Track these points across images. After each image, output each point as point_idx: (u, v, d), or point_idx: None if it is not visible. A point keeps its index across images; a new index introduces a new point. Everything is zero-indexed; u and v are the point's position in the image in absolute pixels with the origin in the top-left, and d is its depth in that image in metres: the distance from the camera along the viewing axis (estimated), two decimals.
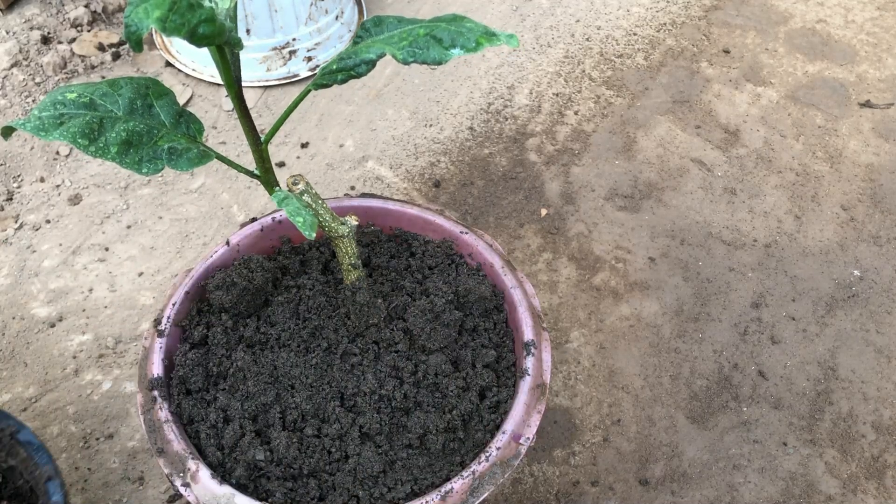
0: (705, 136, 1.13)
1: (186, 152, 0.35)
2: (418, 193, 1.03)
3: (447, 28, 0.33)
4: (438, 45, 0.33)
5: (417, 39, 0.34)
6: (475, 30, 0.33)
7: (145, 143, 0.34)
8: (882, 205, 1.05)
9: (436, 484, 0.47)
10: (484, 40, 0.33)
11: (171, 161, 0.35)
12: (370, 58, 0.35)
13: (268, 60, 1.16)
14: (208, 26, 0.29)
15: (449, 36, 0.33)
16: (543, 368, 0.51)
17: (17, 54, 1.16)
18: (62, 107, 0.32)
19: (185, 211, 1.00)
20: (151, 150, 0.34)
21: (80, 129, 0.31)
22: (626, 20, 1.34)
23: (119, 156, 0.32)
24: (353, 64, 0.36)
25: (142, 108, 0.34)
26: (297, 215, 0.37)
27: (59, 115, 0.31)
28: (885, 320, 0.91)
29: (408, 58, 0.33)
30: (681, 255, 0.97)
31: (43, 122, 0.31)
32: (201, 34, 0.29)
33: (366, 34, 0.38)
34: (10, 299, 0.90)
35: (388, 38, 0.35)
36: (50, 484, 0.59)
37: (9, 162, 1.04)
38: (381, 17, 0.39)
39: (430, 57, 0.33)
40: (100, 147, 0.32)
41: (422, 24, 0.36)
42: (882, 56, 1.29)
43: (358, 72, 0.36)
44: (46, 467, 0.60)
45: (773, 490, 0.76)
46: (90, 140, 0.31)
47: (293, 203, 0.38)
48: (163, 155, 0.34)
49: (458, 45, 0.33)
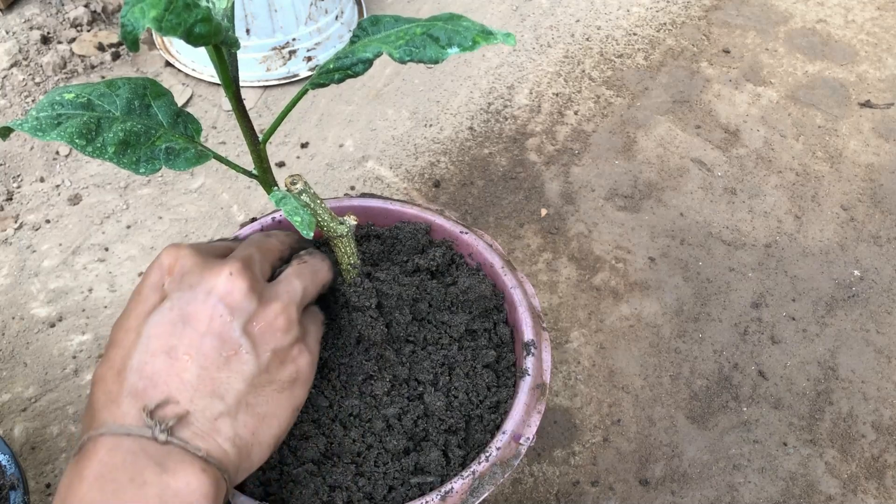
0: (705, 136, 1.13)
1: (184, 152, 0.35)
2: (418, 193, 1.03)
3: (444, 27, 0.33)
4: (435, 43, 0.33)
5: (414, 38, 0.34)
6: (472, 28, 0.33)
7: (143, 144, 0.34)
8: (882, 205, 1.05)
9: (436, 484, 0.46)
10: (481, 39, 0.32)
11: (169, 161, 0.35)
12: (367, 57, 0.35)
13: (267, 60, 1.16)
14: (204, 26, 0.28)
15: (446, 35, 0.33)
16: (543, 368, 0.51)
17: (17, 54, 1.16)
18: (59, 107, 0.32)
19: (184, 211, 1.00)
20: (149, 151, 0.34)
21: (77, 130, 0.31)
22: (626, 20, 1.34)
23: (116, 156, 0.33)
24: (349, 63, 0.36)
25: (139, 108, 0.34)
26: (295, 214, 0.38)
27: (57, 116, 0.31)
28: (885, 320, 0.91)
29: (404, 57, 0.33)
30: (681, 255, 0.97)
31: (40, 123, 0.31)
32: (197, 34, 0.29)
33: (363, 33, 0.38)
34: (10, 299, 0.90)
35: (384, 37, 0.35)
36: (12, 493, 0.58)
37: (8, 162, 1.04)
38: (377, 16, 0.39)
39: (426, 56, 0.33)
40: (97, 147, 0.32)
41: (418, 23, 0.36)
42: (882, 56, 1.29)
43: (355, 71, 0.36)
44: (11, 476, 0.59)
45: (774, 490, 0.76)
46: (87, 140, 0.31)
47: (291, 202, 0.38)
48: (160, 155, 0.34)
49: (454, 44, 0.33)
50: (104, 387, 0.36)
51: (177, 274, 0.38)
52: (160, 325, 0.37)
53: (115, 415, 0.35)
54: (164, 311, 0.37)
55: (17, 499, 0.58)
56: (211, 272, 0.38)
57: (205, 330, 0.37)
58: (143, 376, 0.36)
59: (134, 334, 0.37)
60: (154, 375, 0.36)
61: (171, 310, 0.37)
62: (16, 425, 0.79)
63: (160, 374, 0.36)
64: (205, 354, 0.36)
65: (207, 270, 0.38)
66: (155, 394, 0.35)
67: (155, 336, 0.36)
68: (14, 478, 0.59)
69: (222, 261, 0.39)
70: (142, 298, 0.38)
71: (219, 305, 0.37)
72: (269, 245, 0.44)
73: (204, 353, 0.36)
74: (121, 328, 0.38)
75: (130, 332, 0.37)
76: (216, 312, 0.37)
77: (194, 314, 0.37)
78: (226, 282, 0.38)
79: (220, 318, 0.37)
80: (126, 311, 0.39)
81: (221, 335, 0.37)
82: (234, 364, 0.37)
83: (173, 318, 0.37)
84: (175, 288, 0.38)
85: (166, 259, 0.39)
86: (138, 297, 0.39)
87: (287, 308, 0.40)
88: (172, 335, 0.36)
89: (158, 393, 0.35)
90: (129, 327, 0.38)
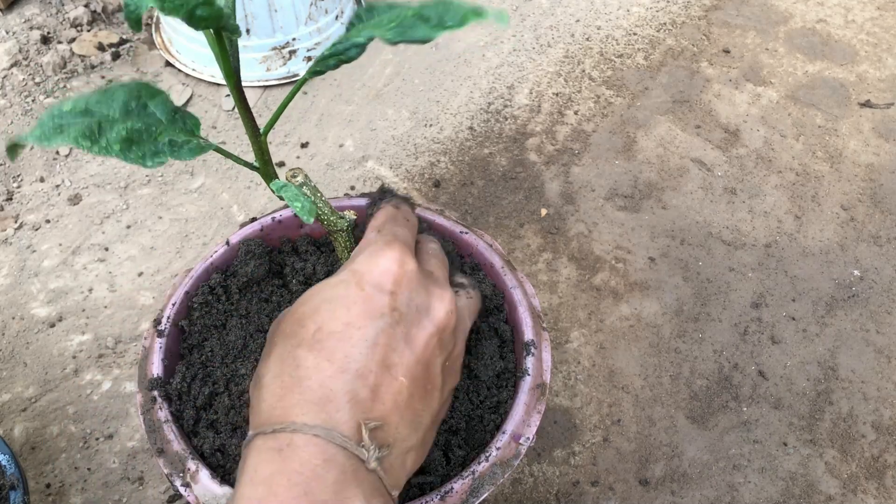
0: (705, 135, 1.13)
1: (187, 143, 0.36)
2: (418, 193, 1.03)
3: (434, 8, 0.34)
4: (425, 23, 0.33)
5: (405, 20, 0.34)
6: (463, 7, 0.33)
7: (145, 140, 0.34)
8: (882, 205, 1.05)
9: (436, 484, 0.47)
10: (472, 16, 0.32)
11: (174, 152, 0.35)
12: (359, 41, 0.35)
13: (268, 60, 1.16)
14: (206, 9, 0.29)
15: (436, 14, 0.33)
16: (543, 368, 0.51)
17: (17, 54, 1.16)
18: (59, 118, 0.32)
19: (184, 211, 1.00)
20: (153, 145, 0.34)
21: (80, 132, 0.31)
22: (626, 20, 1.34)
23: (122, 152, 0.33)
24: (343, 48, 0.36)
25: (137, 108, 0.35)
26: (296, 200, 0.38)
27: (59, 125, 0.32)
28: (885, 320, 0.91)
29: (395, 38, 0.33)
30: (681, 255, 0.97)
31: (44, 132, 0.31)
32: (199, 16, 0.29)
33: (358, 21, 0.39)
34: (10, 299, 0.90)
35: (377, 23, 0.36)
36: (12, 493, 0.58)
37: (8, 162, 1.04)
38: (372, 4, 0.40)
39: (416, 35, 0.33)
40: (102, 146, 0.32)
41: (411, 7, 0.36)
42: (882, 56, 1.29)
43: (349, 56, 0.36)
44: (11, 476, 0.59)
45: (773, 490, 0.76)
46: (92, 141, 0.32)
47: (292, 190, 0.39)
48: (164, 148, 0.35)
49: (444, 22, 0.33)
50: (321, 373, 0.33)
51: (405, 288, 0.36)
52: (387, 335, 0.34)
53: (333, 418, 0.32)
54: (393, 323, 0.35)
55: (17, 499, 0.58)
56: (436, 298, 0.37)
57: (420, 357, 0.35)
58: (366, 384, 0.33)
59: (359, 333, 0.34)
60: (377, 388, 0.33)
61: (399, 324, 0.35)
62: (16, 425, 0.79)
63: (382, 389, 0.33)
64: (416, 381, 0.35)
65: (434, 295, 0.37)
66: (375, 410, 0.33)
67: (381, 346, 0.34)
68: (14, 478, 0.59)
69: (438, 285, 0.38)
70: (367, 296, 0.35)
71: (435, 337, 0.36)
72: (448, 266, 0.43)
73: (415, 379, 0.35)
74: (335, 315, 0.34)
75: (353, 329, 0.34)
76: (432, 342, 0.36)
77: (416, 337, 0.35)
78: (446, 315, 0.36)
79: (432, 348, 0.36)
80: (342, 298, 0.35)
81: (429, 366, 0.35)
82: (428, 398, 0.36)
83: (399, 334, 0.35)
84: (405, 303, 0.36)
85: (393, 265, 0.37)
86: (361, 292, 0.35)
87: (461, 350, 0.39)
88: (395, 351, 0.34)
89: (378, 410, 0.33)
90: (352, 322, 0.34)
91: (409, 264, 0.37)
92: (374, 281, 0.36)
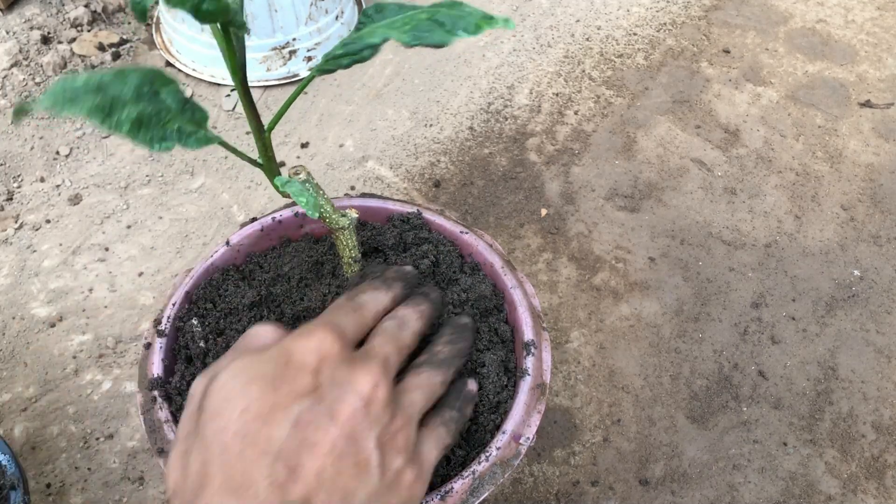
0: (705, 135, 1.13)
1: (194, 133, 0.36)
2: (418, 193, 1.03)
3: (448, 13, 0.34)
4: (441, 28, 0.34)
5: (420, 24, 0.34)
6: (475, 14, 0.34)
7: (154, 124, 0.35)
8: (882, 205, 1.05)
9: (436, 484, 0.46)
10: (484, 24, 0.33)
11: (181, 140, 0.36)
12: (374, 42, 0.36)
13: (268, 60, 1.16)
14: (213, 3, 0.29)
15: (451, 20, 0.34)
16: (543, 368, 0.51)
17: (17, 54, 1.16)
18: (72, 92, 0.32)
19: (185, 211, 1.00)
20: (161, 131, 0.35)
21: (93, 106, 0.32)
22: (626, 20, 1.34)
23: (132, 132, 0.33)
24: (357, 48, 0.36)
25: (148, 93, 0.35)
26: (301, 195, 0.38)
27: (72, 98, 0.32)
28: (885, 320, 0.91)
29: (412, 41, 0.34)
30: (681, 255, 0.97)
31: (56, 100, 0.32)
32: (206, 10, 0.29)
33: (368, 20, 0.39)
34: (10, 299, 0.90)
35: (390, 24, 0.36)
36: (12, 493, 0.58)
37: (9, 162, 1.04)
38: (382, 3, 0.40)
39: (433, 40, 0.34)
40: (113, 123, 0.32)
41: (423, 9, 0.37)
42: (882, 56, 1.29)
43: (363, 56, 0.37)
44: (11, 476, 0.59)
45: (773, 490, 0.76)
46: (104, 116, 0.32)
47: (296, 185, 0.39)
48: (172, 135, 0.35)
49: (459, 29, 0.34)
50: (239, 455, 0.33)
51: (329, 365, 0.36)
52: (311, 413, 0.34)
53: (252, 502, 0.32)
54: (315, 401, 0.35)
55: (17, 499, 0.58)
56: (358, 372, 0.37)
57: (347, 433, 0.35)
58: (287, 466, 0.33)
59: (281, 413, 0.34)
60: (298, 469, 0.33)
61: (322, 402, 0.35)
62: (16, 425, 0.79)
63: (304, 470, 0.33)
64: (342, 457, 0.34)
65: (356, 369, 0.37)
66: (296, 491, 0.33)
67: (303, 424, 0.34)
68: (14, 478, 0.59)
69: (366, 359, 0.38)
70: (291, 375, 0.35)
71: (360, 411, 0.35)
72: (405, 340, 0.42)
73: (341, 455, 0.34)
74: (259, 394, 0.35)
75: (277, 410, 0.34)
76: (357, 416, 0.35)
77: (339, 413, 0.35)
78: (371, 388, 0.36)
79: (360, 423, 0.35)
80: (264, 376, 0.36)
81: (358, 442, 0.35)
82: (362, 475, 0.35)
83: (322, 411, 0.35)
84: (328, 381, 0.36)
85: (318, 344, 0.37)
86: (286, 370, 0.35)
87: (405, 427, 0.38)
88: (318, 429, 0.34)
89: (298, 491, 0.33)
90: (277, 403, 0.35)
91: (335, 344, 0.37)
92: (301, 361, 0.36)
